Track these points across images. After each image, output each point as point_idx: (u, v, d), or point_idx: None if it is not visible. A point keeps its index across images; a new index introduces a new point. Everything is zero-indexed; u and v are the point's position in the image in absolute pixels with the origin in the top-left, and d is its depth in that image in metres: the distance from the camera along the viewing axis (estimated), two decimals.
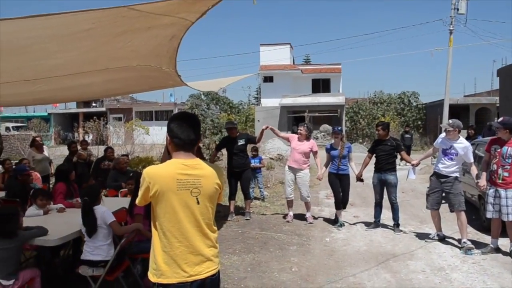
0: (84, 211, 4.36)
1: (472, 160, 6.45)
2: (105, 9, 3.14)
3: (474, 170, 6.45)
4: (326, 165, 7.93)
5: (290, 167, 8.01)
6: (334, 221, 7.90)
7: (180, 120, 2.54)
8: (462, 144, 6.38)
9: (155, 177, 2.41)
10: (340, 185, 7.71)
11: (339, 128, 8.03)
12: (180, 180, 2.42)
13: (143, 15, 3.33)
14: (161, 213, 2.43)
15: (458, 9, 21.32)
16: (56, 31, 3.61)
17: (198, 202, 2.46)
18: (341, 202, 7.79)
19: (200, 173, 2.48)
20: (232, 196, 8.39)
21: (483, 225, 7.20)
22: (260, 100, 37.90)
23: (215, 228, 2.60)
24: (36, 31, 3.56)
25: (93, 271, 4.29)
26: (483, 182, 6.13)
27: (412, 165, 7.11)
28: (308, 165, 8.05)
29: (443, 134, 6.65)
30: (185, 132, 2.48)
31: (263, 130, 8.02)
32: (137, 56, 4.80)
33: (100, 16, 3.33)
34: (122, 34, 3.89)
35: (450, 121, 6.59)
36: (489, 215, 6.04)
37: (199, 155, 2.63)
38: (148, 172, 2.43)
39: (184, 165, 2.46)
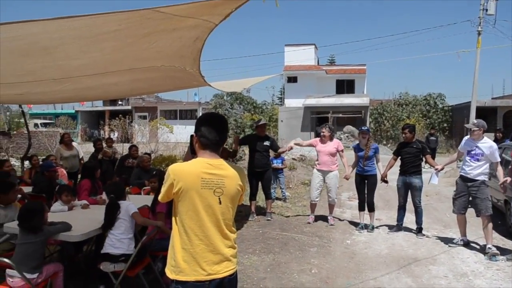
0: (110, 207, 4.48)
1: (498, 160, 6.32)
2: (131, 11, 3.19)
3: (500, 171, 6.33)
4: (353, 166, 7.83)
5: (319, 170, 7.95)
6: (369, 225, 7.74)
7: (209, 121, 2.59)
8: (486, 143, 6.26)
9: (180, 174, 2.43)
10: (365, 184, 7.64)
11: (365, 127, 7.93)
12: (205, 179, 2.44)
13: (167, 17, 3.37)
14: (183, 211, 2.45)
15: (487, 10, 20.80)
16: (83, 32, 3.68)
17: (220, 202, 2.48)
18: (364, 204, 7.71)
19: (224, 173, 2.51)
20: (253, 196, 8.40)
21: (508, 231, 7.06)
22: (283, 100, 37.85)
23: (234, 229, 2.62)
24: (63, 32, 3.64)
25: (114, 267, 4.36)
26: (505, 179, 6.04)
27: (436, 169, 7.00)
28: (337, 166, 8.01)
29: (467, 137, 6.56)
30: (213, 132, 2.52)
31: (287, 150, 8.47)
32: (162, 57, 4.86)
33: (126, 17, 3.38)
34: (147, 36, 3.95)
35: (475, 120, 6.53)
36: None
37: (224, 153, 2.66)
38: (174, 169, 2.46)
39: (209, 164, 2.48)
